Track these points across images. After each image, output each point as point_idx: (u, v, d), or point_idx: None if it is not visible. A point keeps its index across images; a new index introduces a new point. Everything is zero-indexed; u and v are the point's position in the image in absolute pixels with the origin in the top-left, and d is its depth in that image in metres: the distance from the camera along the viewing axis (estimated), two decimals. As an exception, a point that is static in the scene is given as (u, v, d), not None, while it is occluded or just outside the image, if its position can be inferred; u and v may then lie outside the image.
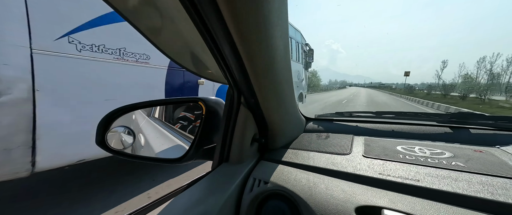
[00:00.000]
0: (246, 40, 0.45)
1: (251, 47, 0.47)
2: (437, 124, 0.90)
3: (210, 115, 0.78)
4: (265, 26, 0.44)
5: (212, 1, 0.37)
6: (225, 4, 0.37)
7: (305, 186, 0.60)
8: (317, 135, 1.01)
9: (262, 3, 0.41)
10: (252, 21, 0.42)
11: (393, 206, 0.48)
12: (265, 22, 0.44)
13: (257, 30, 0.45)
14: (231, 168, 0.73)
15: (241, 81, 0.58)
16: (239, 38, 0.44)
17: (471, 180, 0.52)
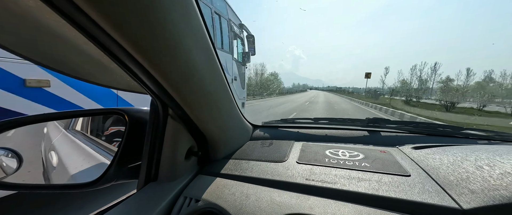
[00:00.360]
0: (153, 58, 0.41)
1: (162, 64, 0.43)
2: (358, 128, 1.05)
3: (135, 128, 0.69)
4: (169, 40, 0.41)
5: (97, 23, 0.32)
6: (114, 26, 0.33)
7: (237, 200, 0.59)
8: (262, 142, 1.02)
9: (161, 18, 0.37)
10: (154, 39, 0.39)
11: (310, 212, 0.51)
12: (172, 37, 0.41)
13: (164, 46, 0.41)
14: (159, 187, 0.65)
15: (160, 93, 0.52)
16: (143, 58, 0.40)
17: (370, 179, 0.61)
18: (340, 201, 0.54)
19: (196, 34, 0.47)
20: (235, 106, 0.87)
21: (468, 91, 28.57)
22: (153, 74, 0.44)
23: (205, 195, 0.63)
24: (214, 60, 0.58)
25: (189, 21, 0.44)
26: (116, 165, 0.66)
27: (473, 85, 50.84)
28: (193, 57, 0.48)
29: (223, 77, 0.65)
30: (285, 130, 1.18)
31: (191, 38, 0.45)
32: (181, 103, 0.56)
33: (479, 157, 0.57)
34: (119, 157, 0.66)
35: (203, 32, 0.50)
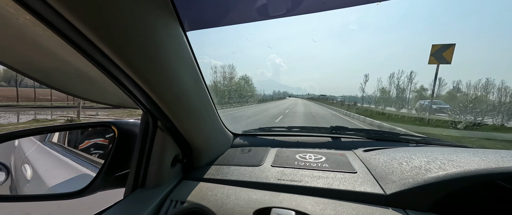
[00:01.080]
0: (145, 78, 0.51)
1: (153, 83, 0.53)
2: (323, 135, 1.23)
3: (124, 139, 0.75)
4: (166, 69, 0.52)
5: (105, 54, 0.42)
6: (118, 56, 0.43)
7: (218, 200, 0.68)
8: (241, 149, 1.13)
9: (158, 54, 0.48)
10: (149, 67, 0.49)
11: (280, 204, 0.63)
12: (166, 67, 0.52)
13: (157, 72, 0.52)
14: (146, 193, 0.72)
15: (152, 109, 0.61)
16: (140, 79, 0.50)
17: (328, 176, 0.76)
18: (304, 195, 0.68)
19: (186, 62, 0.59)
20: (218, 118, 0.98)
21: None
22: (149, 94, 0.54)
23: (190, 197, 0.71)
24: (200, 81, 0.70)
25: (180, 53, 0.56)
26: (104, 174, 0.71)
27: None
28: (184, 80, 0.59)
29: (207, 94, 0.77)
30: (263, 138, 1.31)
31: (183, 68, 0.57)
32: (171, 117, 0.65)
33: (402, 156, 0.76)
34: (107, 166, 0.71)
35: (191, 59, 0.62)
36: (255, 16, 0.60)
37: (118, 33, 0.40)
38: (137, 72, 0.47)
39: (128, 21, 0.41)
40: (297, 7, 0.56)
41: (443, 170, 0.59)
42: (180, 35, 0.56)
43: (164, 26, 0.49)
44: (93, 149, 1.03)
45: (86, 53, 0.42)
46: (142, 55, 0.45)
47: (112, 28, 0.39)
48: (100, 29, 0.38)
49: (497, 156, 0.60)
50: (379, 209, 0.58)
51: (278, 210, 0.61)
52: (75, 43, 0.40)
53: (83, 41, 0.39)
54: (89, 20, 0.36)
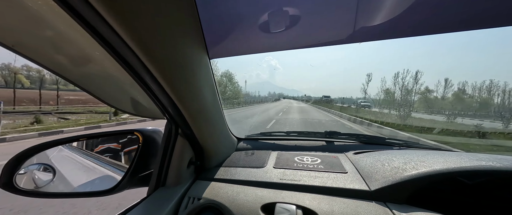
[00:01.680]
0: (180, 96, 0.66)
1: (184, 99, 0.68)
2: (319, 139, 1.37)
3: (147, 145, 0.86)
4: (195, 88, 0.67)
5: (149, 71, 0.54)
6: (163, 78, 0.56)
7: (230, 197, 0.80)
8: (245, 152, 1.25)
9: (191, 76, 0.62)
10: (184, 87, 0.64)
11: (282, 200, 0.76)
12: (194, 86, 0.66)
13: (188, 89, 0.66)
14: (168, 191, 0.83)
15: (177, 118, 0.74)
16: (175, 96, 0.64)
17: (323, 176, 0.89)
18: (303, 192, 0.80)
19: (208, 83, 0.73)
20: (226, 126, 1.11)
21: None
22: (178, 106, 0.68)
23: (205, 194, 0.83)
24: (216, 96, 0.84)
25: (205, 76, 0.69)
26: (130, 174, 0.82)
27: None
28: (205, 96, 0.72)
29: (220, 106, 0.90)
30: (264, 142, 1.44)
31: (206, 87, 0.72)
32: (192, 125, 0.78)
33: (385, 159, 0.91)
34: (133, 168, 0.82)
35: (212, 80, 0.76)
36: (267, 47, 0.74)
37: (163, 58, 0.53)
38: (173, 89, 0.61)
39: (173, 50, 0.54)
40: (300, 41, 0.70)
41: (415, 170, 0.74)
42: (206, 62, 0.70)
43: (196, 55, 0.64)
44: (106, 152, 1.13)
45: (135, 72, 0.55)
46: (180, 77, 0.60)
47: (160, 54, 0.52)
48: (149, 53, 0.50)
49: (458, 158, 0.75)
50: (364, 202, 0.72)
51: (282, 204, 0.73)
52: (126, 62, 0.52)
53: (137, 62, 0.51)
54: (142, 44, 0.47)
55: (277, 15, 0.70)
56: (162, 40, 0.50)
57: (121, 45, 0.46)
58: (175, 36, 0.53)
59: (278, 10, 0.68)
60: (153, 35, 0.48)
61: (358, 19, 0.75)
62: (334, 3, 0.68)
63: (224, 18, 0.67)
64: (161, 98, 0.65)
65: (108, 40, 0.45)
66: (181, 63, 0.59)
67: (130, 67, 0.53)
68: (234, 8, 0.65)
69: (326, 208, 0.70)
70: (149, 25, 0.46)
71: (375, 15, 0.74)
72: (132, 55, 0.49)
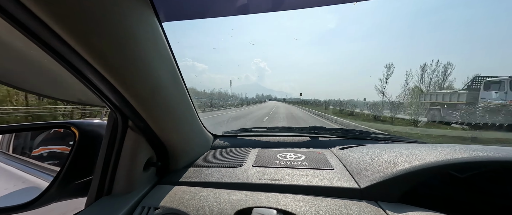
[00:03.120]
0: (114, 69, 0.46)
1: (122, 76, 0.48)
2: (303, 135, 1.26)
3: (87, 142, 0.66)
4: (140, 62, 0.48)
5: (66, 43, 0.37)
6: (89, 51, 0.38)
7: (196, 203, 0.64)
8: (221, 151, 1.09)
9: (129, 43, 0.44)
10: (125, 60, 0.45)
11: (260, 204, 0.62)
12: (138, 59, 0.48)
13: (126, 60, 0.47)
14: (113, 200, 0.64)
15: (122, 106, 0.55)
16: (110, 74, 0.45)
17: (308, 174, 0.77)
18: (285, 193, 0.67)
19: (161, 54, 0.55)
20: (197, 119, 0.93)
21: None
22: (119, 89, 0.49)
23: (164, 202, 0.65)
24: (177, 76, 0.66)
25: (154, 44, 0.51)
26: (60, 182, 0.62)
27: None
28: (159, 74, 0.55)
29: (186, 93, 0.73)
30: (244, 138, 1.29)
31: (159, 60, 0.53)
32: (144, 115, 0.60)
33: (374, 152, 0.82)
34: (64, 173, 0.62)
35: (167, 52, 0.58)
36: (235, 10, 0.59)
37: (80, 18, 0.36)
38: (105, 64, 0.41)
39: (92, 4, 0.36)
40: (277, 3, 0.57)
41: (409, 163, 0.65)
42: (155, 25, 0.51)
43: (136, 14, 0.45)
44: (49, 158, 0.89)
45: (43, 41, 0.36)
46: (110, 44, 0.40)
47: (74, 11, 0.35)
48: (59, 12, 0.33)
49: (451, 149, 0.68)
50: (354, 202, 0.61)
51: (259, 209, 0.60)
52: (28, 29, 0.34)
53: (40, 26, 0.34)
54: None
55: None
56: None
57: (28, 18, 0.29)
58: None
59: None
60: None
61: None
62: None
63: None
64: (91, 78, 0.46)
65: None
66: (111, 26, 0.40)
67: (34, 35, 0.35)
68: None
69: (311, 210, 0.58)
70: None
71: None
72: (27, 14, 0.31)
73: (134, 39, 0.45)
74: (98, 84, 0.48)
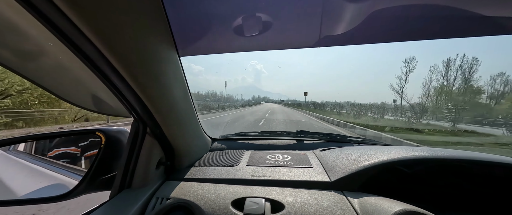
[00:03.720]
0: (148, 93, 0.64)
1: (153, 97, 0.66)
2: (290, 138, 1.44)
3: (110, 145, 0.81)
4: (164, 86, 0.66)
5: (114, 68, 0.53)
6: (130, 75, 0.55)
7: (200, 195, 0.80)
8: (219, 152, 1.25)
9: (158, 73, 0.62)
10: (152, 85, 0.62)
11: (252, 194, 0.79)
12: (163, 84, 0.65)
13: (156, 87, 0.65)
14: (133, 193, 0.79)
15: (145, 117, 0.72)
16: (143, 94, 0.62)
17: (291, 171, 0.95)
18: (272, 187, 0.84)
19: (178, 80, 0.73)
20: (199, 126, 1.10)
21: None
22: (147, 104, 0.65)
23: (174, 194, 0.81)
24: (187, 94, 0.84)
25: (175, 73, 0.69)
26: (90, 177, 0.76)
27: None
28: (175, 94, 0.72)
29: (192, 106, 0.90)
30: (238, 141, 1.46)
31: (176, 85, 0.71)
32: (161, 124, 0.76)
33: (345, 153, 1.00)
34: (93, 170, 0.77)
35: (182, 78, 0.76)
36: (242, 47, 0.76)
37: (127, 54, 0.52)
38: (140, 87, 0.59)
39: (138, 46, 0.53)
40: (271, 43, 0.74)
41: (367, 161, 0.84)
42: (176, 60, 0.70)
43: (164, 52, 0.63)
44: (62, 158, 1.02)
45: (96, 67, 0.52)
46: (147, 74, 0.58)
47: (123, 50, 0.51)
48: (111, 48, 0.49)
49: (400, 150, 0.88)
50: (325, 192, 0.79)
51: (251, 199, 0.76)
52: (86, 56, 0.50)
53: (99, 56, 0.49)
54: (103, 38, 0.46)
55: (250, 19, 0.74)
56: (125, 35, 0.49)
57: (79, 37, 0.44)
58: (139, 32, 0.52)
59: (251, 15, 0.72)
60: (115, 29, 0.47)
61: (322, 30, 0.84)
62: (301, 14, 0.75)
63: (196, 18, 0.68)
64: (127, 96, 0.63)
65: (63, 30, 0.43)
66: (147, 59, 0.58)
67: (91, 61, 0.51)
68: (206, 8, 0.66)
69: (291, 199, 0.75)
70: (109, 17, 0.45)
71: (337, 26, 0.83)
72: (93, 49, 0.47)
73: (162, 71, 0.63)
74: (131, 100, 0.65)
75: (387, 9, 0.77)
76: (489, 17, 0.72)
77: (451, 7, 0.71)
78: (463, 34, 0.86)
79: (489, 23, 0.77)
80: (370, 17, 0.79)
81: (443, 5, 0.71)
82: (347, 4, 0.74)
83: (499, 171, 0.86)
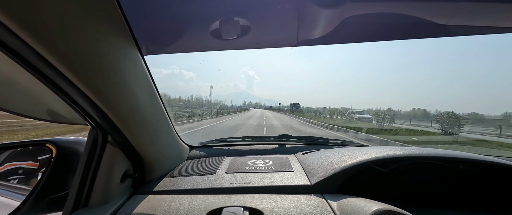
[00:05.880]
0: (101, 96, 0.55)
1: (108, 100, 0.57)
2: (272, 143, 1.41)
3: (63, 158, 0.70)
4: (124, 88, 0.58)
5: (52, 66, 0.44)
6: (75, 75, 0.47)
7: (172, 208, 0.72)
8: (196, 161, 1.17)
9: (114, 74, 0.54)
10: (107, 87, 0.54)
11: (230, 204, 0.73)
12: (122, 85, 0.57)
13: (115, 90, 0.57)
14: (89, 212, 0.68)
15: (104, 124, 0.63)
16: (97, 98, 0.54)
17: (272, 176, 0.91)
18: (252, 194, 0.79)
19: (142, 81, 0.65)
20: (173, 131, 1.01)
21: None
22: (103, 109, 0.57)
23: (139, 210, 0.72)
24: (155, 96, 0.76)
25: (136, 74, 0.62)
26: (35, 198, 0.65)
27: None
28: (139, 96, 0.64)
29: (162, 109, 0.82)
30: (218, 148, 1.38)
31: (138, 85, 0.63)
32: (124, 131, 0.67)
33: (325, 155, 0.99)
34: (39, 188, 0.65)
35: (147, 79, 0.68)
36: (211, 45, 0.72)
37: (72, 53, 0.45)
38: (94, 90, 0.51)
39: (86, 45, 0.46)
40: (247, 40, 0.72)
41: (345, 162, 0.83)
42: (138, 59, 0.62)
43: (121, 50, 0.55)
44: (15, 174, 0.87)
45: (37, 70, 0.44)
46: (100, 75, 0.50)
47: (67, 48, 0.44)
48: (53, 44, 0.41)
49: (376, 150, 0.89)
50: (305, 196, 0.76)
51: (229, 208, 0.70)
52: (23, 59, 0.42)
53: (35, 58, 0.42)
54: (39, 32, 0.39)
55: (227, 23, 0.71)
56: (66, 31, 0.42)
57: (9, 38, 0.37)
58: (85, 28, 0.45)
59: (229, 19, 0.70)
60: (53, 24, 0.40)
61: (299, 33, 0.85)
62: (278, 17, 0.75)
63: (163, 14, 0.63)
64: (78, 101, 0.54)
65: None
66: (97, 58, 0.50)
67: (29, 64, 0.43)
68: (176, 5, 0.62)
69: (271, 205, 0.71)
70: (44, 11, 0.38)
71: (313, 30, 0.85)
72: (28, 49, 0.40)
73: (117, 70, 0.55)
74: (84, 105, 0.56)
75: (359, 16, 0.80)
76: (443, 25, 0.79)
77: (410, 15, 0.76)
78: (423, 36, 0.92)
79: (444, 28, 0.83)
80: (343, 22, 0.81)
81: (404, 14, 0.76)
82: (321, 10, 0.76)
83: (463, 167, 0.91)
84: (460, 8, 0.68)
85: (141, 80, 0.66)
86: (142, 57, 0.64)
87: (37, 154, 0.86)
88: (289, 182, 0.84)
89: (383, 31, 0.93)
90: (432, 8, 0.70)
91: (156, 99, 0.77)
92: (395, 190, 0.91)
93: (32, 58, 0.42)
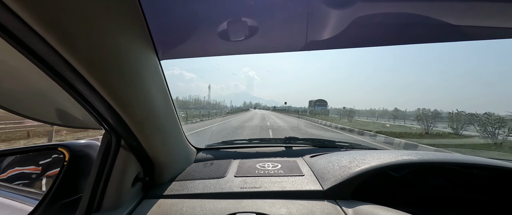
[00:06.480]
0: (120, 100, 0.55)
1: (126, 104, 0.57)
2: (279, 145, 1.40)
3: (76, 162, 0.70)
4: (141, 92, 0.58)
5: (75, 71, 0.44)
6: (97, 79, 0.47)
7: (184, 214, 0.71)
8: (204, 163, 1.17)
9: (134, 78, 0.54)
10: (126, 91, 0.54)
11: (242, 210, 0.72)
12: (139, 89, 0.57)
13: (131, 92, 0.57)
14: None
15: (119, 128, 0.63)
16: (115, 102, 0.54)
17: (283, 180, 0.90)
18: (263, 199, 0.78)
19: (158, 86, 0.65)
20: (182, 135, 1.01)
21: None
22: (120, 114, 0.57)
23: (153, 214, 0.71)
24: (168, 99, 0.76)
25: (154, 78, 0.62)
26: (48, 202, 0.64)
27: None
28: (154, 100, 0.64)
29: (174, 112, 0.82)
30: (225, 150, 1.38)
31: (154, 88, 0.63)
32: (138, 135, 0.67)
33: (336, 159, 0.99)
34: (53, 192, 0.65)
35: (163, 83, 0.68)
36: (225, 50, 0.72)
37: (95, 58, 0.45)
38: (112, 94, 0.51)
39: (106, 45, 0.46)
40: (257, 47, 0.71)
41: (358, 167, 0.82)
42: (155, 63, 0.63)
43: (142, 54, 0.56)
44: (18, 179, 0.87)
45: (57, 74, 0.44)
46: (119, 79, 0.50)
47: (91, 54, 0.44)
48: (76, 52, 0.41)
49: (390, 155, 0.88)
50: (318, 202, 0.75)
51: (242, 214, 0.70)
52: (46, 63, 0.42)
53: (60, 61, 0.42)
54: (65, 41, 0.39)
55: (235, 24, 0.71)
56: (92, 36, 0.42)
57: (28, 35, 0.37)
58: (110, 33, 0.46)
59: (237, 19, 0.69)
60: (79, 30, 0.40)
61: (308, 34, 0.84)
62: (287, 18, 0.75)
63: (178, 20, 0.63)
64: (95, 104, 0.54)
65: (6, 26, 0.35)
66: (119, 63, 0.50)
67: (50, 67, 0.43)
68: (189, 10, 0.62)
69: (284, 212, 0.70)
70: (71, 17, 0.38)
71: (322, 31, 0.84)
72: (46, 48, 0.39)
73: (136, 74, 0.55)
74: (101, 109, 0.56)
75: (369, 16, 0.79)
76: (457, 26, 0.78)
77: (423, 16, 0.75)
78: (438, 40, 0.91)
79: (458, 31, 0.82)
80: (353, 23, 0.80)
81: (418, 14, 0.75)
82: (331, 10, 0.75)
83: (477, 172, 0.89)
84: (488, 10, 0.66)
85: (157, 85, 0.66)
86: (159, 62, 0.64)
87: (38, 159, 0.86)
88: (300, 187, 0.83)
89: (394, 35, 0.92)
90: (455, 9, 0.67)
91: (169, 103, 0.77)
92: (408, 194, 0.90)
93: (54, 59, 0.42)
